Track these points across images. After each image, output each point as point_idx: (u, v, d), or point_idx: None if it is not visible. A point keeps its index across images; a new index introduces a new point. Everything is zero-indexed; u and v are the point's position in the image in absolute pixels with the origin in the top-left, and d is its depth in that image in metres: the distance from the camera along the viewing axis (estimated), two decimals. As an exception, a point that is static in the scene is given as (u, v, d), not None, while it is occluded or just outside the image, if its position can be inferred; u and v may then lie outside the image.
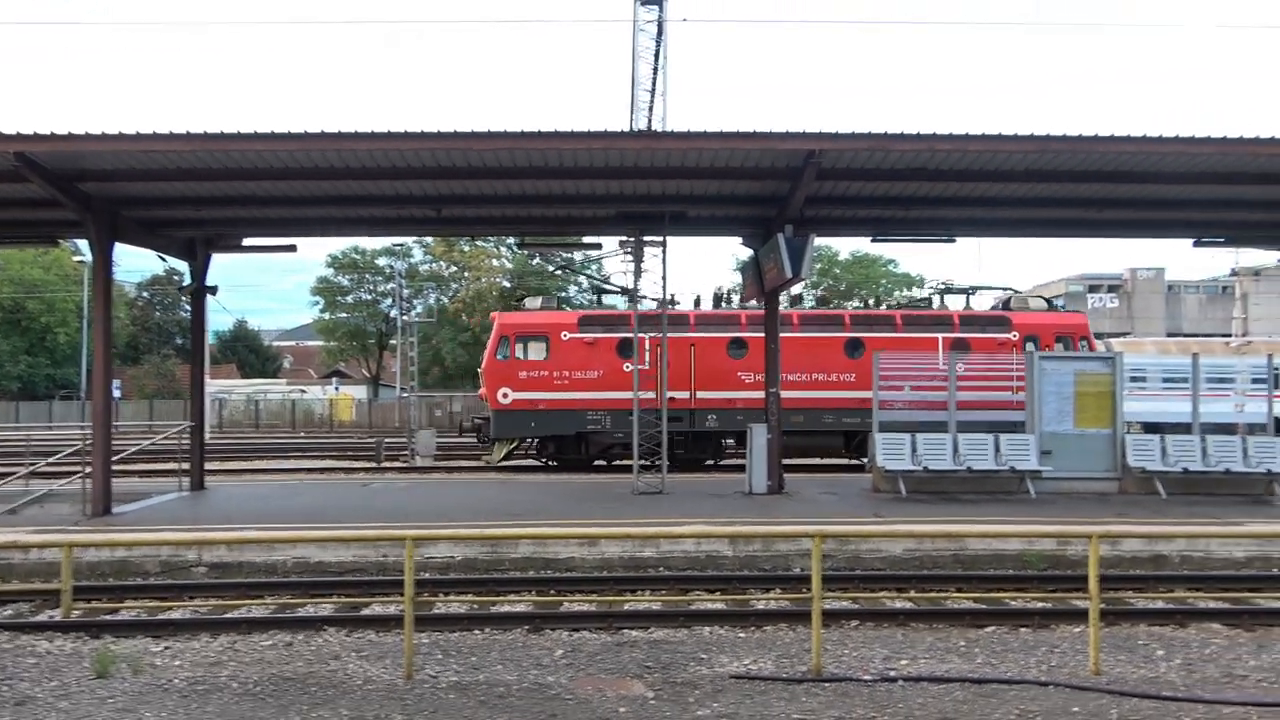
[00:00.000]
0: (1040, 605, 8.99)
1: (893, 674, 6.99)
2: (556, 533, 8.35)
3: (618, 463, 21.09)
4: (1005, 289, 25.69)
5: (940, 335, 21.80)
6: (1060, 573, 10.49)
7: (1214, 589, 9.96)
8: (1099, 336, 47.10)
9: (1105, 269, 63.29)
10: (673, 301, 23.73)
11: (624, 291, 21.53)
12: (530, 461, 25.77)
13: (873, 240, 17.17)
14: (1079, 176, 13.46)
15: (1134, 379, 17.60)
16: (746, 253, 16.34)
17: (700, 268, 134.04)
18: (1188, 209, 14.95)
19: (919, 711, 6.09)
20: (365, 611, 9.12)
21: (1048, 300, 26.03)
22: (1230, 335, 42.39)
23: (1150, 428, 18.15)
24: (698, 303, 23.35)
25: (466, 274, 53.87)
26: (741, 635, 8.38)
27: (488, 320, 50.86)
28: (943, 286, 27.27)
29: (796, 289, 58.61)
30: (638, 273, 15.85)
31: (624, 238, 16.20)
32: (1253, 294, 52.39)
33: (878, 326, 22.07)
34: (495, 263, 54.00)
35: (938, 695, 6.46)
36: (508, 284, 53.50)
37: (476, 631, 8.50)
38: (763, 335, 20.26)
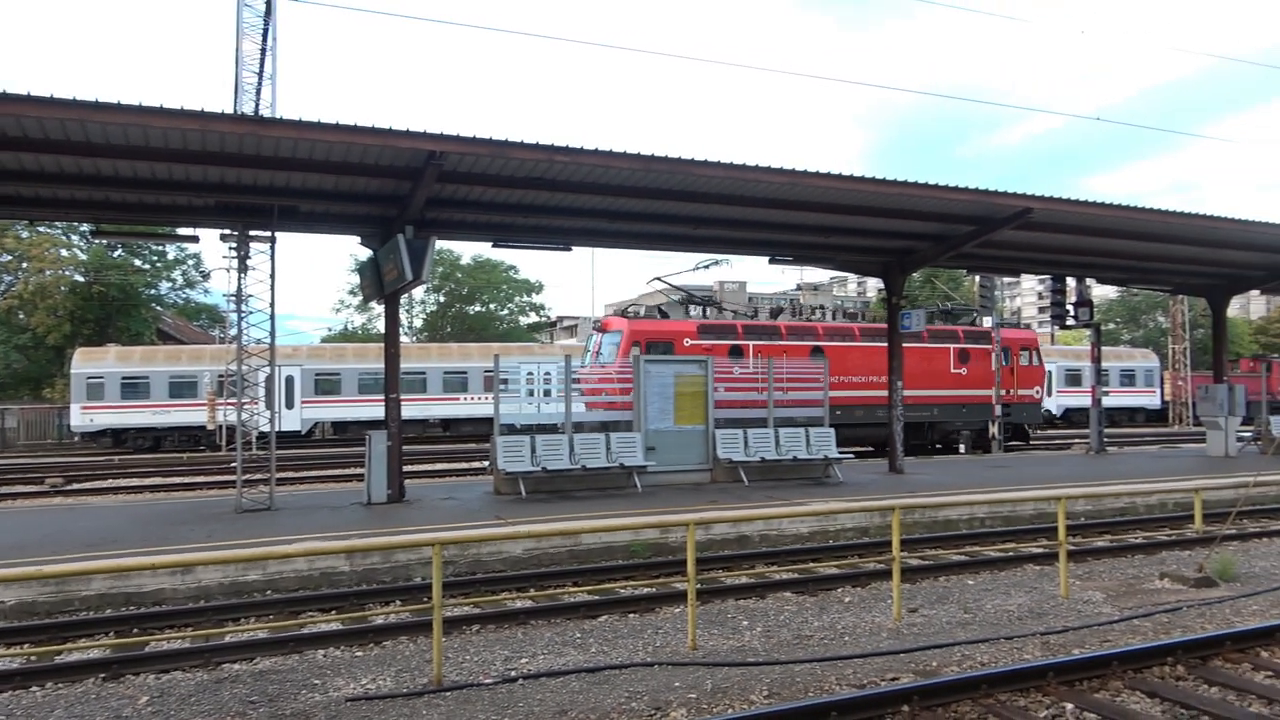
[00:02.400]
0: (646, 591, 9.67)
1: (513, 674, 7.08)
2: (140, 563, 7.29)
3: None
4: (973, 310, 31.74)
5: (951, 346, 27.08)
6: (663, 559, 11.39)
7: (786, 562, 11.44)
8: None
9: (699, 280, 70.39)
10: (774, 313, 25.17)
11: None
12: (110, 484, 22.69)
13: (494, 245, 17.38)
14: (680, 195, 14.75)
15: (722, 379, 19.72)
16: (366, 253, 15.69)
17: (316, 268, 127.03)
18: (763, 229, 17.06)
19: (538, 708, 6.22)
20: None
21: (1000, 320, 32.42)
22: (796, 341, 49.21)
23: (733, 422, 20.46)
24: (776, 314, 27.49)
25: (25, 265, 45.73)
26: (359, 654, 7.98)
27: (52, 321, 43.83)
28: (944, 308, 33.44)
29: (417, 292, 57.33)
30: (241, 270, 14.48)
31: (226, 231, 14.73)
32: (811, 305, 61.55)
33: (910, 337, 24.37)
34: (65, 253, 46.49)
35: (556, 689, 6.65)
36: (81, 277, 46.33)
37: (35, 688, 7.17)
38: (838, 343, 25.34)
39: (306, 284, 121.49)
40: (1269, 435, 23.70)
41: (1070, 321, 24.04)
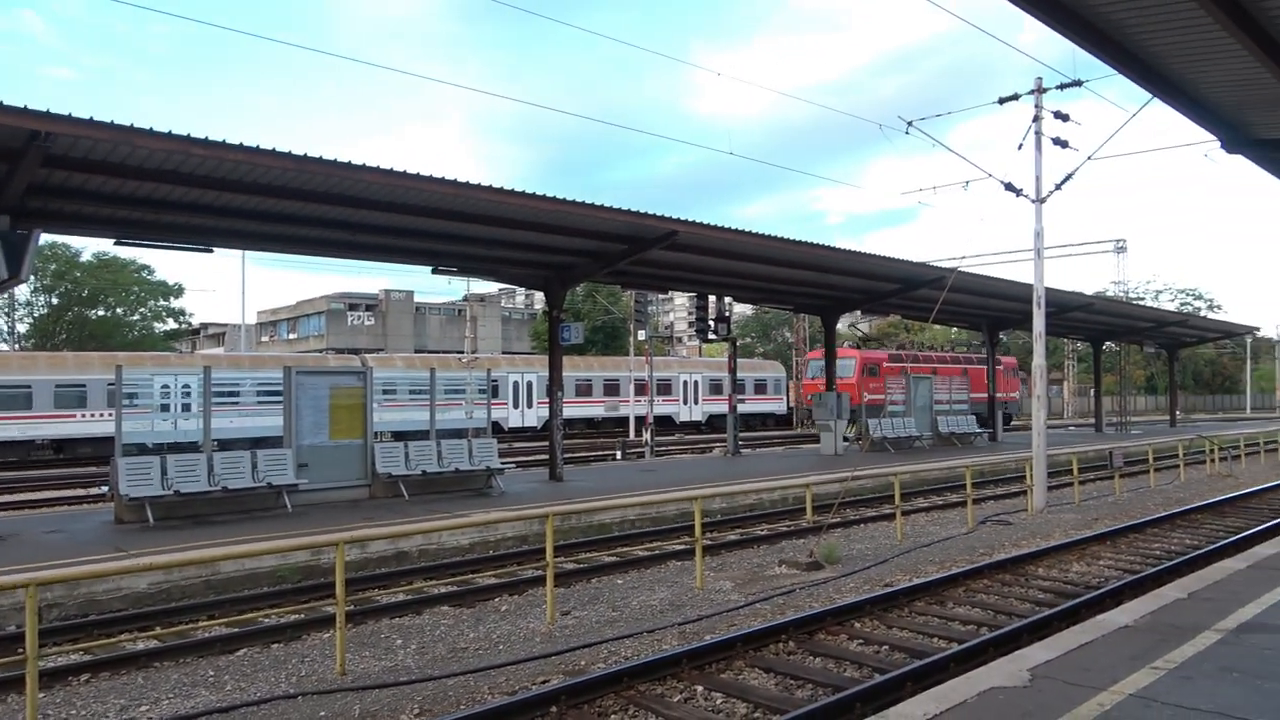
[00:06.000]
0: (293, 618, 9.10)
1: (130, 725, 6.32)
2: None
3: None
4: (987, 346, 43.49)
5: (984, 367, 38.83)
6: (315, 582, 10.78)
7: (445, 575, 11.33)
8: (355, 352, 50.38)
9: (364, 288, 67.87)
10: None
11: None
12: None
13: (116, 243, 15.44)
14: (338, 200, 14.10)
15: (386, 391, 19.18)
16: None
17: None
18: (427, 239, 16.83)
19: (159, 759, 5.61)
20: None
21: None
22: (463, 352, 49.16)
23: (398, 435, 19.99)
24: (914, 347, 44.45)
25: None
26: (-76, 724, 6.69)
27: None
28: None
29: (20, 292, 49.32)
30: None
31: None
32: (481, 317, 61.78)
33: (965, 362, 41.44)
34: None
35: (181, 736, 6.05)
36: None
37: None
38: (962, 366, 39.18)
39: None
40: (867, 435, 27.68)
41: (712, 336, 26.35)
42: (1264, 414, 77.60)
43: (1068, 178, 17.52)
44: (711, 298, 25.89)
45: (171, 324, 58.25)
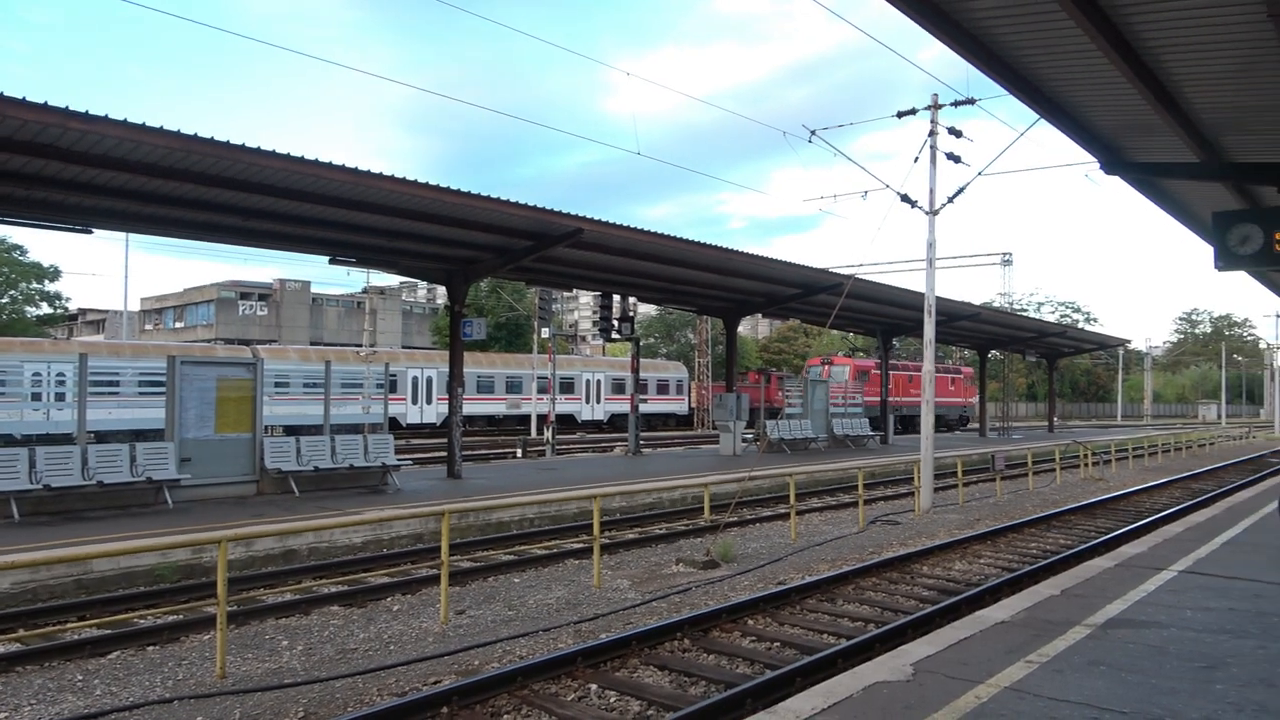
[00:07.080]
0: (171, 619, 8.70)
1: (-15, 734, 5.92)
2: None
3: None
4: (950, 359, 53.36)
5: (950, 376, 52.39)
6: (196, 581, 10.33)
7: (336, 574, 11.02)
8: (246, 343, 48.72)
9: (258, 277, 65.48)
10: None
11: None
12: None
13: (-16, 220, 14.47)
14: (230, 184, 13.52)
15: (278, 384, 18.51)
16: None
17: None
18: (325, 228, 16.30)
19: (16, 770, 5.27)
20: None
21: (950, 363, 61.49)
22: (361, 345, 47.96)
23: (291, 430, 19.35)
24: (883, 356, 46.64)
25: None
26: None
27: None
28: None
29: None
30: None
31: None
32: (381, 310, 60.38)
33: (942, 371, 48.10)
34: None
35: (43, 744, 5.70)
36: None
37: None
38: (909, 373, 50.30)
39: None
40: (765, 436, 28.20)
41: (615, 335, 26.41)
42: (1133, 421, 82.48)
43: (959, 191, 18.24)
44: (616, 297, 25.96)
45: (46, 308, 54.84)
